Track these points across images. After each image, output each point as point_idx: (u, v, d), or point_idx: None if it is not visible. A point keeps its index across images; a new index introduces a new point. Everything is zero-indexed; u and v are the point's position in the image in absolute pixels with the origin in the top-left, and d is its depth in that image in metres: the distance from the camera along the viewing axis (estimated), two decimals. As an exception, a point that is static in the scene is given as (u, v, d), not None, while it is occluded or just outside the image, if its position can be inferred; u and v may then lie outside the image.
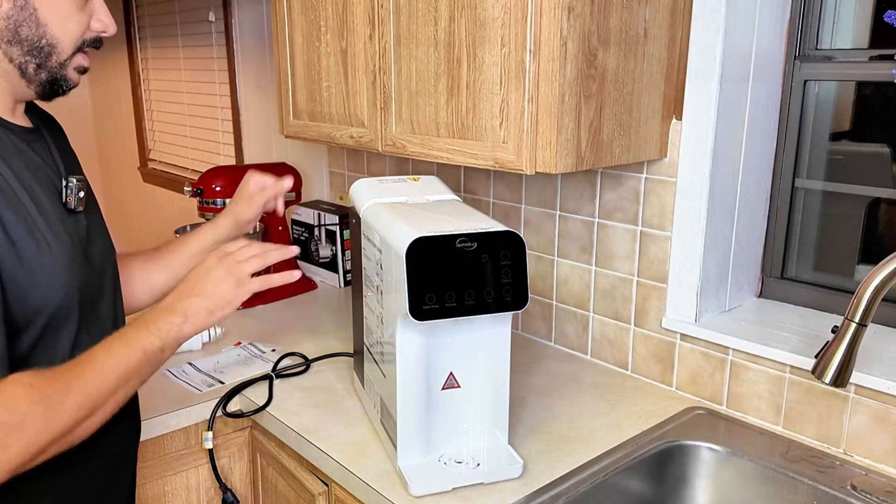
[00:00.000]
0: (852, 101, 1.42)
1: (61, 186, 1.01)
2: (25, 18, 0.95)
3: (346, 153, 2.24)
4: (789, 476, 1.19)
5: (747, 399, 1.37)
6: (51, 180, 1.00)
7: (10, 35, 0.95)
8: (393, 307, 1.11)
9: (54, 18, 0.97)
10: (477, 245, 1.06)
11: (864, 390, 1.21)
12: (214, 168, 2.05)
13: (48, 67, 0.99)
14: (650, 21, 1.28)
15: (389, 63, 1.43)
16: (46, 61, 0.98)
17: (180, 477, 1.45)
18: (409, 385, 1.12)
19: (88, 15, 1.01)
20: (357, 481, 1.18)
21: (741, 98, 1.38)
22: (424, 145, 1.39)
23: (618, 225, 1.53)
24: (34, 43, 0.96)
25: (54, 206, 0.98)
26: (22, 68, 0.97)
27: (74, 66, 1.02)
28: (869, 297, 1.00)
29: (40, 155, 1.01)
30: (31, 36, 0.96)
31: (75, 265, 0.98)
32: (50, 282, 0.93)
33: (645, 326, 1.52)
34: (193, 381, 1.53)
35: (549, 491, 1.13)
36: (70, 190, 1.01)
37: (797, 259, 1.50)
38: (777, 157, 1.48)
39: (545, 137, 1.19)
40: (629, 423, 1.35)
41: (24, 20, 0.95)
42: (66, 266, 0.96)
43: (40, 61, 0.98)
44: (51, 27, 0.97)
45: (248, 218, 1.35)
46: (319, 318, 1.91)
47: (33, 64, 0.97)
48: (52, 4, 0.97)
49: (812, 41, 1.41)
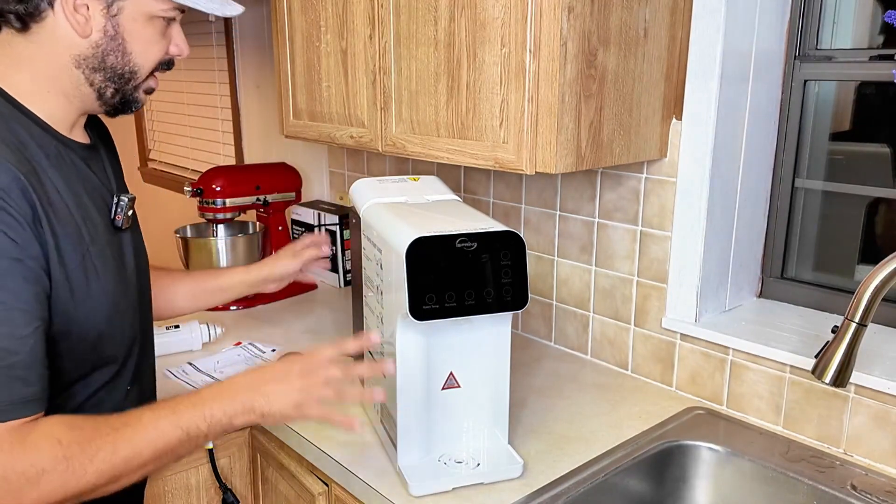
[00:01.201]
0: (852, 101, 1.42)
1: (112, 203, 1.03)
2: (114, 48, 0.96)
3: (346, 153, 2.24)
4: (789, 476, 1.19)
5: (747, 399, 1.37)
6: (103, 198, 1.02)
7: (97, 63, 0.96)
8: (393, 307, 1.11)
9: (139, 47, 0.98)
10: (477, 245, 1.06)
11: (865, 390, 1.21)
12: (214, 168, 2.05)
13: (124, 91, 1.00)
14: (650, 21, 1.28)
15: (389, 63, 1.43)
16: (125, 86, 1.00)
17: (180, 477, 1.45)
18: (409, 385, 1.12)
19: (168, 40, 1.02)
20: (357, 481, 1.18)
21: (741, 98, 1.38)
22: (424, 145, 1.39)
23: (618, 225, 1.53)
24: (117, 70, 0.98)
25: (104, 226, 1.00)
26: (100, 92, 0.99)
27: (144, 88, 1.03)
28: (869, 297, 1.00)
29: (96, 172, 1.02)
30: (116, 64, 0.97)
31: (117, 291, 0.99)
32: (94, 311, 0.95)
33: (645, 326, 1.52)
34: (193, 380, 1.53)
35: (550, 491, 1.13)
36: (120, 208, 1.03)
37: (797, 259, 1.50)
38: (777, 157, 1.48)
39: (545, 137, 1.19)
40: (629, 423, 1.35)
41: (112, 50, 0.96)
42: (110, 294, 0.97)
43: (119, 86, 0.99)
44: (135, 56, 0.98)
45: (287, 272, 1.40)
46: (319, 318, 1.91)
47: (112, 88, 0.99)
48: (139, 34, 0.97)
49: (812, 41, 1.41)
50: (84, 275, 0.93)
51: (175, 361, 1.62)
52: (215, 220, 2.02)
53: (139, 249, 1.11)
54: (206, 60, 2.95)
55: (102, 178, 1.04)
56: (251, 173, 2.12)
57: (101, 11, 0.93)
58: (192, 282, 1.36)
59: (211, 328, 1.71)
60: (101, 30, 0.94)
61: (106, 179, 1.05)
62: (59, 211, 0.91)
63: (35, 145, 0.93)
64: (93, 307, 0.95)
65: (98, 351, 0.99)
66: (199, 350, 1.68)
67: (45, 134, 0.95)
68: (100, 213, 1.00)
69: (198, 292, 1.36)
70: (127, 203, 1.04)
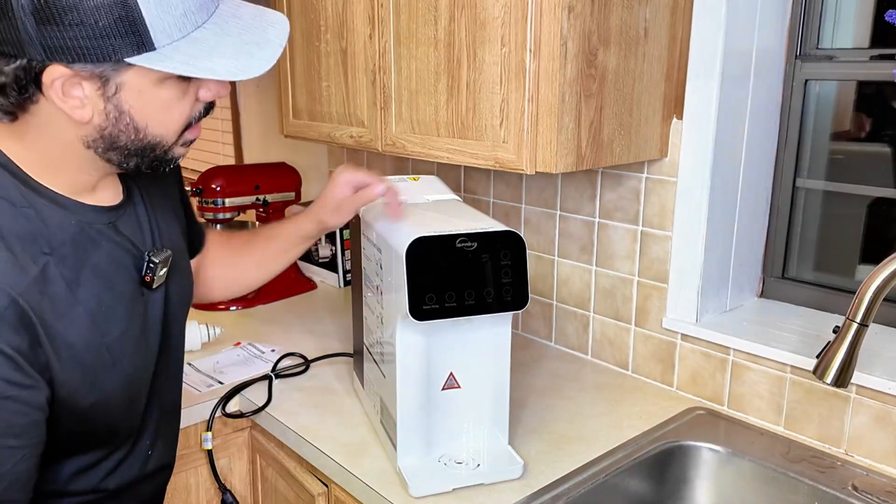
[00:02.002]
0: (853, 101, 1.41)
1: (142, 264, 0.93)
2: (122, 129, 0.82)
3: (346, 153, 2.24)
4: (790, 476, 1.18)
5: (748, 399, 1.37)
6: (133, 260, 0.93)
7: (108, 144, 0.83)
8: (393, 307, 1.11)
9: (154, 118, 0.83)
10: (477, 245, 1.05)
11: (865, 390, 1.21)
12: (214, 168, 2.05)
13: (149, 158, 0.87)
14: (650, 20, 1.28)
15: (389, 63, 1.43)
16: (148, 155, 0.86)
17: (180, 477, 1.45)
18: (409, 385, 1.12)
19: (194, 91, 0.86)
20: (357, 482, 1.18)
21: (742, 98, 1.37)
22: (424, 145, 1.39)
23: (618, 225, 1.52)
24: (133, 148, 0.84)
25: (130, 293, 0.92)
26: (122, 165, 0.86)
27: (181, 144, 0.90)
28: (870, 297, 1.00)
29: (125, 232, 0.92)
30: (130, 143, 0.83)
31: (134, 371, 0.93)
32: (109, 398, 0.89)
33: (645, 326, 1.51)
34: (193, 381, 1.52)
35: (550, 491, 1.13)
36: (150, 269, 0.93)
37: (798, 259, 1.50)
38: (778, 157, 1.48)
39: (545, 137, 1.19)
40: (629, 423, 1.34)
41: (121, 130, 0.82)
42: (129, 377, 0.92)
43: (141, 159, 0.86)
44: (152, 128, 0.83)
45: (335, 226, 1.24)
46: (319, 318, 1.91)
47: (133, 162, 0.86)
48: (151, 104, 0.81)
49: (813, 41, 1.41)
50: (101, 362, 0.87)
51: (174, 362, 1.61)
52: (215, 219, 2.01)
53: (176, 303, 1.01)
54: (205, 60, 2.94)
55: (135, 236, 0.94)
56: (251, 173, 2.11)
57: (97, 92, 0.78)
58: (250, 253, 1.27)
59: (210, 328, 1.71)
60: (101, 112, 0.80)
61: (139, 236, 0.94)
62: (69, 312, 0.83)
63: (50, 232, 0.83)
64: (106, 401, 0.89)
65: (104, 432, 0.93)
66: (198, 350, 1.68)
67: (64, 213, 0.85)
68: (127, 279, 0.91)
69: (263, 260, 1.27)
70: (159, 263, 0.94)
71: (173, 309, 1.00)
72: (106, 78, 0.77)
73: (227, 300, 1.30)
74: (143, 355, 0.95)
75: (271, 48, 0.82)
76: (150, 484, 1.05)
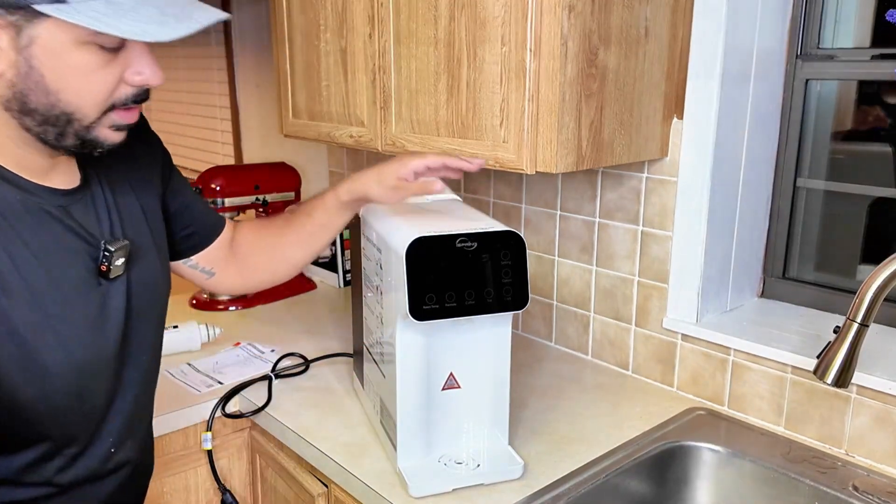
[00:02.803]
0: (854, 101, 1.41)
1: (98, 253, 0.91)
2: (31, 87, 0.79)
3: (345, 152, 2.23)
4: (791, 477, 1.18)
5: (748, 399, 1.36)
6: (86, 247, 0.91)
7: (20, 105, 0.80)
8: (393, 307, 1.11)
9: (68, 84, 0.80)
10: (477, 245, 1.05)
11: (866, 391, 1.20)
12: (213, 167, 2.05)
13: (70, 134, 0.84)
14: (651, 20, 1.28)
15: (389, 62, 1.43)
16: (66, 129, 0.83)
17: (179, 478, 1.44)
18: (409, 385, 1.12)
19: (120, 68, 0.83)
20: (356, 482, 1.17)
21: (743, 97, 1.37)
22: (424, 145, 1.39)
23: (619, 225, 1.52)
24: (45, 113, 0.81)
25: (83, 279, 0.90)
26: (41, 137, 0.84)
27: (108, 126, 0.86)
28: (871, 297, 0.99)
29: (78, 218, 0.91)
30: (40, 106, 0.81)
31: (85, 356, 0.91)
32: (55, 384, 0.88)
33: (646, 327, 1.51)
34: (192, 381, 1.52)
35: (550, 492, 1.12)
36: (105, 258, 0.91)
37: (799, 259, 1.49)
38: (779, 157, 1.47)
39: (546, 137, 1.18)
40: (630, 423, 1.34)
41: (31, 89, 0.79)
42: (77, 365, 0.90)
43: (59, 130, 0.83)
44: (65, 94, 0.81)
45: (376, 200, 1.16)
46: (319, 318, 1.90)
47: (52, 133, 0.83)
48: (66, 67, 0.79)
49: (814, 40, 1.40)
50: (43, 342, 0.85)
51: (174, 362, 1.61)
52: (214, 219, 2.01)
53: (139, 295, 0.99)
54: (205, 59, 2.94)
55: (89, 223, 0.92)
56: (250, 173, 2.11)
57: (10, 43, 0.76)
58: (293, 232, 1.24)
59: (210, 328, 1.71)
60: (12, 65, 0.77)
61: (94, 224, 0.93)
62: (8, 281, 0.82)
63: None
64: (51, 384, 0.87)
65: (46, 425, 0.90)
66: (197, 350, 1.67)
67: (9, 186, 0.84)
68: (77, 265, 0.90)
69: (303, 239, 1.23)
70: (115, 252, 0.92)
71: (136, 301, 0.98)
72: (19, 27, 0.76)
73: (276, 284, 1.30)
74: (98, 345, 0.93)
75: (190, 24, 0.80)
76: (110, 483, 1.01)
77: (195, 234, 1.17)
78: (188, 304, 2.00)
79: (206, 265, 1.21)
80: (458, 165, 1.11)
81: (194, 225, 1.16)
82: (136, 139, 1.00)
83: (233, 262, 1.24)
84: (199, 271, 1.21)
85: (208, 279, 1.23)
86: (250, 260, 1.25)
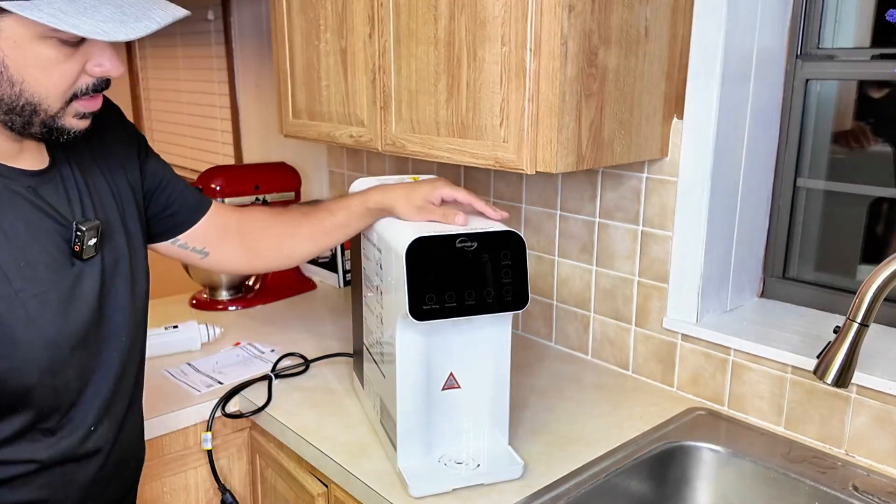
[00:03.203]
0: (854, 101, 1.41)
1: (70, 234, 0.94)
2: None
3: (345, 152, 2.23)
4: (791, 477, 1.18)
5: (748, 399, 1.36)
6: (56, 229, 0.93)
7: None
8: (393, 307, 1.11)
9: (31, 76, 0.84)
10: (477, 245, 1.05)
11: (866, 391, 1.20)
12: (213, 167, 2.05)
13: (36, 123, 0.87)
14: (651, 20, 1.28)
15: (389, 62, 1.43)
16: (32, 118, 0.87)
17: (179, 478, 1.44)
18: (409, 385, 1.12)
19: (81, 60, 0.86)
20: (356, 482, 1.17)
21: (743, 97, 1.37)
22: (424, 144, 1.39)
23: (619, 225, 1.52)
24: (10, 103, 0.85)
25: (54, 260, 0.92)
26: (8, 125, 0.87)
27: (73, 115, 0.90)
28: (871, 297, 0.99)
29: (48, 199, 0.93)
30: (5, 96, 0.84)
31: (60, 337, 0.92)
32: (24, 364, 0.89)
33: (646, 327, 1.51)
34: (192, 381, 1.52)
35: (550, 492, 1.12)
36: (78, 238, 0.93)
37: (799, 259, 1.49)
38: (779, 157, 1.47)
39: (545, 136, 1.18)
40: (630, 423, 1.34)
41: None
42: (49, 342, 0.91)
43: (25, 120, 0.86)
44: (28, 85, 0.84)
45: (399, 216, 1.17)
46: (319, 318, 1.90)
47: (19, 122, 0.87)
48: (30, 59, 0.83)
49: (814, 40, 1.40)
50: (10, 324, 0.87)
51: (174, 362, 1.61)
52: (214, 219, 2.01)
53: (112, 276, 1.01)
54: (204, 59, 2.94)
55: (59, 204, 0.94)
56: (250, 173, 2.11)
57: None
58: (308, 225, 1.27)
59: (210, 328, 1.71)
60: None
61: (64, 205, 0.95)
62: None
63: None
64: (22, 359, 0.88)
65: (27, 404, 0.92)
66: (197, 350, 1.67)
67: None
68: (47, 245, 0.91)
69: (317, 234, 1.26)
70: (86, 232, 0.93)
71: (109, 282, 1.00)
72: None
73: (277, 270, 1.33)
74: (69, 323, 0.94)
75: (149, 23, 0.83)
76: (91, 467, 1.02)
77: (176, 214, 1.19)
78: (188, 304, 2.00)
79: (196, 245, 1.23)
80: (483, 211, 1.15)
81: (174, 205, 1.18)
82: (108, 126, 1.05)
83: (234, 244, 1.26)
84: (191, 251, 1.23)
85: (203, 259, 1.25)
86: (256, 245, 1.27)
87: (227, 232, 1.26)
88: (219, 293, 1.99)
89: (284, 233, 1.28)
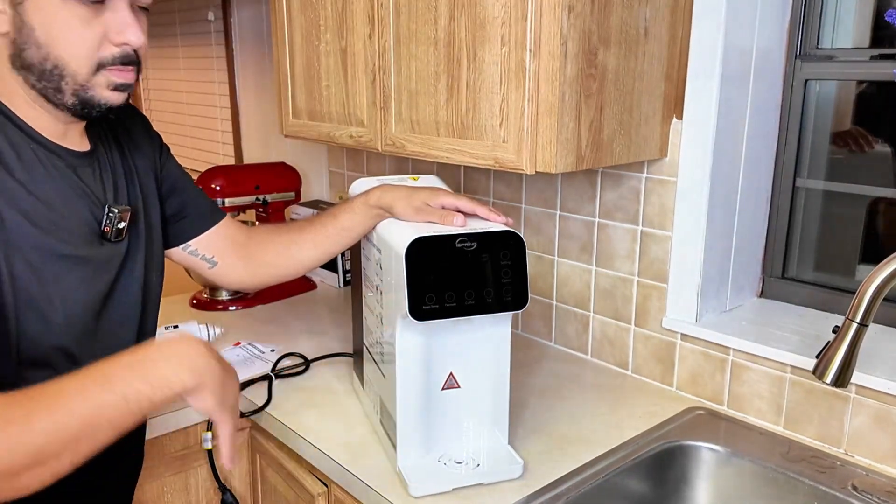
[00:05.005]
0: (853, 101, 1.41)
1: (102, 215, 0.99)
2: (26, 41, 0.88)
3: (345, 153, 2.23)
4: (790, 476, 1.18)
5: (748, 399, 1.37)
6: (91, 208, 0.98)
7: (19, 61, 0.89)
8: (393, 307, 1.11)
9: (55, 39, 0.88)
10: (477, 245, 1.05)
11: (865, 390, 1.21)
12: (213, 167, 2.05)
13: (67, 91, 0.91)
14: (650, 20, 1.28)
15: (389, 62, 1.43)
16: (60, 84, 0.90)
17: (179, 477, 1.45)
18: (409, 385, 1.12)
19: (103, 27, 0.90)
20: (356, 482, 1.18)
21: (742, 97, 1.37)
22: (424, 145, 1.39)
23: (618, 225, 1.52)
24: (39, 66, 0.89)
25: (88, 237, 0.96)
26: (44, 94, 0.91)
27: (105, 86, 0.93)
28: (870, 297, 0.99)
29: (85, 180, 0.98)
30: (34, 59, 0.89)
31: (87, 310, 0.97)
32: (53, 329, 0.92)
33: (645, 326, 1.51)
34: (192, 381, 1.52)
35: (550, 491, 1.13)
36: (109, 220, 0.99)
37: (798, 259, 1.50)
38: (778, 157, 1.48)
39: (545, 137, 1.19)
40: (630, 423, 1.34)
41: (25, 43, 0.88)
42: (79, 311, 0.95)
43: (55, 86, 0.90)
44: (53, 48, 0.88)
45: (398, 216, 1.17)
46: (319, 318, 1.91)
47: (51, 88, 0.91)
48: (53, 22, 0.87)
49: (813, 41, 1.41)
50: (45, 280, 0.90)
51: (174, 361, 1.61)
52: (214, 219, 2.01)
53: (145, 263, 1.06)
54: (205, 60, 2.94)
55: (95, 186, 1.00)
56: (250, 173, 2.11)
57: (8, 3, 0.87)
58: (312, 231, 1.27)
59: (210, 328, 1.71)
60: (10, 22, 0.87)
61: (99, 188, 1.00)
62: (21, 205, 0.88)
63: (7, 145, 0.89)
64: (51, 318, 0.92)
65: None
66: (198, 350, 1.67)
67: (23, 136, 0.92)
68: (84, 224, 0.96)
69: (320, 239, 1.26)
70: (117, 214, 0.99)
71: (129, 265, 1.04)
72: None
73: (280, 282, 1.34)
74: (90, 296, 0.98)
75: None
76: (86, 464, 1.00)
77: (188, 218, 1.21)
78: (188, 304, 2.00)
79: (206, 253, 1.24)
80: (487, 217, 1.13)
81: (187, 209, 1.21)
82: (137, 129, 1.11)
83: (240, 257, 1.28)
84: (200, 259, 1.25)
85: (211, 268, 1.26)
86: (262, 255, 1.29)
87: (236, 244, 1.28)
88: (219, 293, 1.99)
89: (289, 239, 1.29)
